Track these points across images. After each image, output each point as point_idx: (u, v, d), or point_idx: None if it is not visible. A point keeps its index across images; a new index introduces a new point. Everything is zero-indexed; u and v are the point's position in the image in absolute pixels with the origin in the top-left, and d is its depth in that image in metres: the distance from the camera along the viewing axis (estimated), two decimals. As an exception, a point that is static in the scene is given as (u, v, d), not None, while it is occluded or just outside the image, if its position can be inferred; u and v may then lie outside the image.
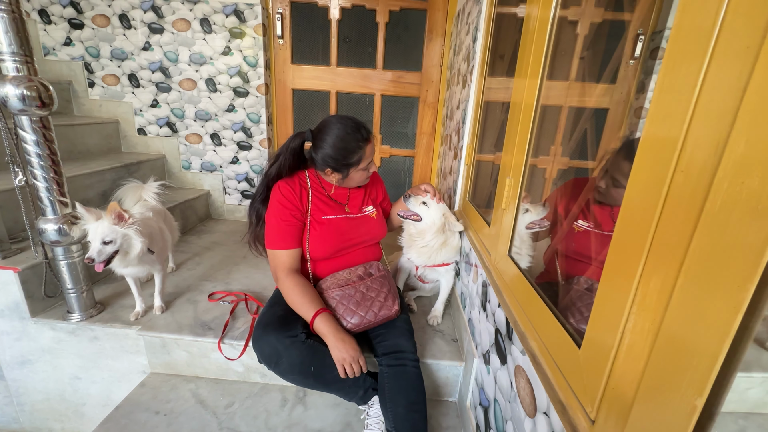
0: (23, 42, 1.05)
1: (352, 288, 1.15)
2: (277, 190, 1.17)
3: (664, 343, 0.38)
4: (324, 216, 1.21)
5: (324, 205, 1.22)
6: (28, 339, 1.34)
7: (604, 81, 1.02)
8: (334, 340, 1.03)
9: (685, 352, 0.35)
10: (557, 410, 0.57)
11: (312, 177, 1.23)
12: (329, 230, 1.20)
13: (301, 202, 1.18)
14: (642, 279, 0.42)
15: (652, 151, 0.41)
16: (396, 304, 1.16)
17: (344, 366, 1.02)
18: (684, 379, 0.35)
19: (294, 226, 1.16)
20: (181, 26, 2.13)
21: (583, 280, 0.83)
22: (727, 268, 0.31)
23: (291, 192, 1.16)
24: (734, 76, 0.32)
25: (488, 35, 1.33)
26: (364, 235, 1.28)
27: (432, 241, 1.28)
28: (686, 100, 0.36)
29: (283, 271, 1.15)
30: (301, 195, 1.19)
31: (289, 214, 1.15)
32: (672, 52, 0.39)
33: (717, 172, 0.32)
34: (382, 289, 1.18)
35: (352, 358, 1.02)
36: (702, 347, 0.33)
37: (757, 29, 0.30)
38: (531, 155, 0.87)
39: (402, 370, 1.08)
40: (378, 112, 2.37)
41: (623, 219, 0.46)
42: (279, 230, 1.15)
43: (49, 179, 1.15)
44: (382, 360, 1.11)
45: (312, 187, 1.22)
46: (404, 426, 1.01)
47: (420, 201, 1.30)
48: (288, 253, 1.16)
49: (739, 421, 0.64)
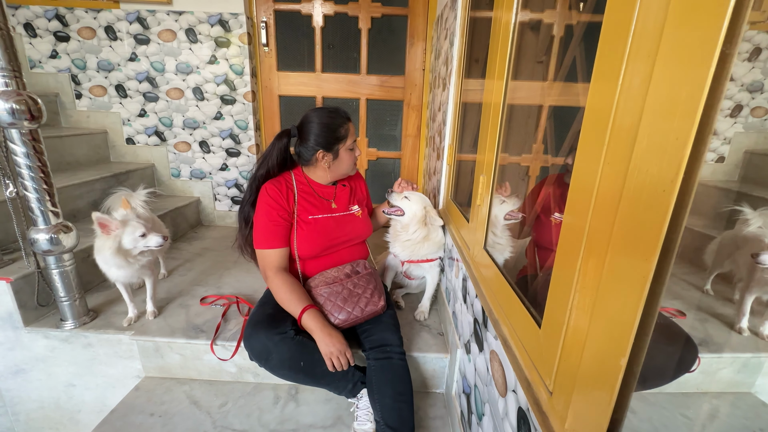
0: (11, 57, 1.08)
1: (340, 285, 1.19)
2: (264, 192, 1.20)
3: (598, 315, 0.43)
4: (310, 216, 1.25)
5: (310, 205, 1.26)
6: (21, 348, 1.35)
7: (583, 80, 1.08)
8: (322, 335, 1.07)
9: (611, 320, 0.40)
10: (523, 387, 0.62)
11: (298, 177, 1.28)
12: (316, 229, 1.25)
13: (288, 202, 1.22)
14: (582, 260, 0.47)
15: (588, 146, 0.47)
16: (382, 300, 1.20)
17: (332, 359, 1.06)
18: (612, 343, 0.40)
19: (281, 225, 1.20)
20: (166, 36, 2.16)
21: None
22: (638, 242, 0.36)
23: (278, 193, 1.20)
24: (640, 81, 0.37)
25: (463, 40, 1.39)
26: (350, 233, 1.32)
27: (414, 234, 1.34)
28: (610, 99, 0.42)
29: (272, 270, 1.19)
30: (288, 196, 1.23)
31: (276, 215, 1.19)
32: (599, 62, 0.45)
33: (630, 162, 0.38)
34: (369, 285, 1.22)
35: (339, 351, 1.06)
36: (622, 314, 0.38)
37: (653, 38, 0.35)
38: (501, 152, 0.92)
39: (388, 363, 1.12)
40: (364, 115, 2.42)
41: (569, 208, 0.52)
42: (267, 230, 1.19)
43: (40, 190, 1.18)
44: (369, 354, 1.15)
45: (298, 187, 1.26)
46: (391, 416, 1.06)
47: (402, 195, 1.37)
48: (276, 252, 1.20)
49: (713, 401, 0.69)
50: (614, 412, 0.41)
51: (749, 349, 0.70)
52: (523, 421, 0.63)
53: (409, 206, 1.36)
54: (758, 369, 0.68)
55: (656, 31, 0.35)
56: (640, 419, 0.47)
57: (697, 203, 0.79)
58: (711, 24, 0.29)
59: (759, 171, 0.79)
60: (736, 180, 0.82)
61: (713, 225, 0.77)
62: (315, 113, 1.21)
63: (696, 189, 0.33)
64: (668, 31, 0.34)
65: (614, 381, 0.40)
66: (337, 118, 1.20)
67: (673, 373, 0.63)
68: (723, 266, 0.77)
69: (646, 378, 0.51)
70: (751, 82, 0.77)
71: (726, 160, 0.82)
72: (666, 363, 0.63)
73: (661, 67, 0.35)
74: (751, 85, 0.77)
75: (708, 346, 0.70)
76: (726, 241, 0.75)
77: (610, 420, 0.41)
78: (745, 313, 0.71)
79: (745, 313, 0.71)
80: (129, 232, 1.19)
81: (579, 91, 1.07)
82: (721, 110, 0.86)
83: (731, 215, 0.70)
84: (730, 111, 0.81)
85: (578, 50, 0.80)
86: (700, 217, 0.79)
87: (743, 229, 0.69)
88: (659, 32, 0.35)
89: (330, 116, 1.20)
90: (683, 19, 0.32)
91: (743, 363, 0.69)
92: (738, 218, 0.69)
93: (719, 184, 0.82)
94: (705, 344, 0.70)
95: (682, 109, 0.32)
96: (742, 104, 0.79)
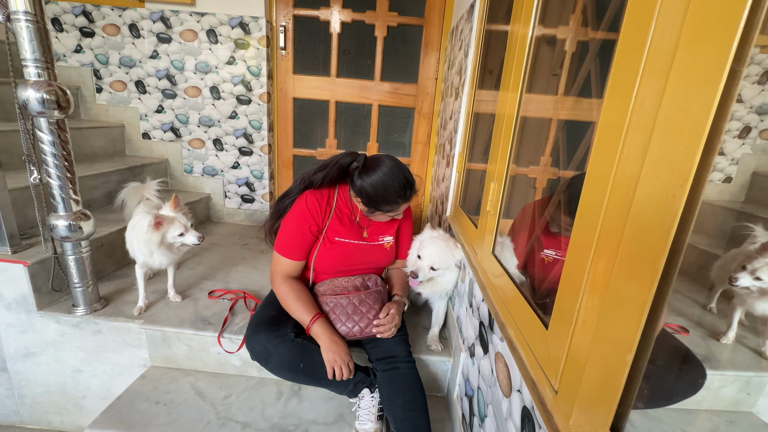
0: (45, 50, 1.13)
1: (345, 298, 1.18)
2: (303, 200, 1.19)
3: (606, 315, 0.45)
4: (337, 237, 1.22)
5: (341, 226, 1.23)
6: (33, 332, 1.39)
7: (597, 96, 1.10)
8: (328, 342, 1.08)
9: (619, 319, 0.42)
10: (528, 387, 0.63)
11: (341, 195, 1.25)
12: (337, 252, 1.23)
13: (322, 217, 1.20)
14: (592, 263, 0.49)
15: (601, 155, 0.49)
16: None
17: (333, 368, 1.07)
18: (619, 341, 0.42)
19: (307, 239, 1.19)
20: (188, 36, 2.22)
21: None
22: (647, 245, 0.39)
23: (316, 205, 1.18)
24: (653, 96, 0.40)
25: (478, 51, 1.43)
26: (371, 264, 1.30)
27: (450, 284, 1.30)
28: (623, 118, 0.44)
29: (281, 277, 1.19)
30: (325, 211, 1.21)
31: (307, 227, 1.18)
32: (613, 79, 0.47)
33: (642, 170, 0.40)
34: (375, 305, 1.18)
35: (342, 361, 1.07)
36: (630, 313, 0.40)
37: (667, 56, 0.38)
38: (512, 162, 0.95)
39: (395, 373, 1.12)
40: (375, 121, 2.46)
41: (580, 214, 0.54)
42: (292, 239, 1.19)
43: (63, 178, 1.22)
44: (376, 366, 1.16)
45: (338, 204, 1.23)
46: (404, 426, 1.05)
47: (427, 268, 1.22)
48: (292, 263, 1.20)
49: (713, 418, 0.70)
50: (619, 406, 0.43)
51: (752, 367, 0.71)
52: (527, 420, 0.65)
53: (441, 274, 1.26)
54: (761, 389, 0.69)
55: (670, 49, 0.38)
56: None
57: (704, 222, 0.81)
58: (721, 43, 0.32)
59: (765, 193, 0.81)
60: (743, 200, 0.84)
61: (719, 244, 0.78)
62: (386, 170, 1.11)
63: (703, 196, 0.35)
64: (682, 50, 0.37)
65: (620, 377, 0.42)
66: (393, 194, 1.11)
67: (680, 396, 0.65)
68: (725, 283, 0.79)
69: (653, 397, 0.53)
70: (761, 104, 0.79)
71: (733, 181, 0.84)
72: (674, 386, 0.64)
73: (674, 84, 0.37)
74: (760, 107, 0.79)
75: (709, 362, 0.71)
76: (730, 258, 0.77)
77: (615, 415, 0.43)
78: (731, 325, 0.73)
79: (731, 326, 0.73)
80: (173, 229, 1.30)
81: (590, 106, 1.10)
82: (730, 131, 0.89)
83: (740, 234, 0.72)
84: (739, 132, 0.83)
85: (593, 65, 0.83)
86: (706, 236, 0.81)
87: (748, 247, 0.71)
88: (673, 50, 0.37)
89: (391, 188, 1.11)
90: (696, 38, 0.35)
91: (745, 381, 0.70)
92: (748, 236, 0.70)
93: (726, 204, 0.83)
94: (707, 361, 0.71)
95: (691, 124, 0.35)
96: (751, 126, 0.81)
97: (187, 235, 1.33)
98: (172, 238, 1.31)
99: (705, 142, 0.34)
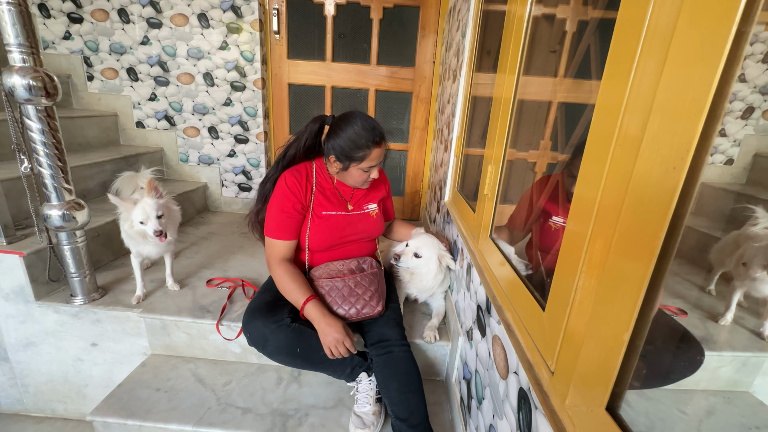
0: (29, 34, 1.10)
1: (341, 281, 1.19)
2: (283, 181, 1.20)
3: (603, 294, 0.44)
4: (324, 211, 1.24)
5: (326, 200, 1.25)
6: (32, 322, 1.39)
7: (596, 78, 1.07)
8: (323, 325, 1.08)
9: (616, 298, 0.41)
10: (525, 368, 0.63)
11: (319, 169, 1.26)
12: (327, 225, 1.24)
13: (305, 195, 1.21)
14: (590, 241, 0.48)
15: (600, 129, 0.48)
16: (380, 305, 1.19)
17: (330, 348, 1.07)
18: (616, 320, 0.41)
19: (293, 218, 1.20)
20: (179, 21, 2.17)
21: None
22: (645, 222, 0.37)
23: (296, 184, 1.20)
24: (654, 67, 0.38)
25: (476, 32, 1.39)
26: (361, 233, 1.31)
27: (432, 282, 1.33)
28: (623, 89, 0.43)
29: (276, 260, 1.20)
30: (306, 188, 1.21)
31: (291, 207, 1.19)
32: (611, 60, 0.45)
33: (642, 143, 0.39)
34: (370, 287, 1.20)
35: (336, 341, 1.07)
36: (627, 291, 0.39)
37: (664, 40, 0.36)
38: (511, 146, 0.93)
39: (389, 357, 1.13)
40: (372, 106, 2.42)
41: (578, 192, 0.53)
42: (279, 221, 1.20)
43: (54, 167, 1.20)
44: (371, 351, 1.17)
45: (318, 180, 1.25)
46: (400, 408, 1.07)
47: (411, 253, 1.30)
48: (284, 244, 1.21)
49: (710, 398, 0.71)
50: (615, 386, 0.42)
51: (749, 348, 0.71)
52: (523, 401, 0.65)
53: (423, 263, 1.30)
54: (757, 369, 0.69)
55: (669, 28, 0.36)
56: (637, 413, 0.48)
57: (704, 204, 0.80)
58: (721, 22, 0.30)
59: (767, 174, 0.79)
60: (744, 183, 0.82)
61: (719, 226, 0.77)
62: (355, 120, 1.13)
63: (704, 169, 0.34)
64: (680, 29, 0.35)
65: (617, 356, 0.41)
66: (364, 139, 1.12)
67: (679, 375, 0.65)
68: (725, 265, 0.78)
69: (651, 377, 0.53)
70: (764, 84, 0.76)
71: (735, 163, 0.82)
72: (672, 365, 0.64)
73: (675, 55, 0.35)
74: (764, 87, 0.77)
75: (707, 344, 0.71)
76: (730, 241, 0.76)
77: (611, 394, 0.43)
78: (730, 306, 0.72)
79: (730, 307, 0.72)
80: (134, 214, 1.25)
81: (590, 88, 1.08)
82: (732, 112, 0.87)
83: (740, 216, 0.71)
84: (742, 113, 0.81)
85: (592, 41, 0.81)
86: (707, 218, 0.80)
87: (749, 229, 0.70)
88: (671, 30, 0.35)
89: (362, 132, 1.12)
90: (695, 16, 0.33)
91: (743, 362, 0.70)
92: (749, 218, 0.69)
93: (727, 186, 0.82)
94: (705, 342, 0.71)
95: (693, 94, 0.33)
96: (754, 106, 0.79)
97: (147, 224, 1.26)
98: (135, 223, 1.26)
99: (707, 113, 0.32)
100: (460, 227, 1.26)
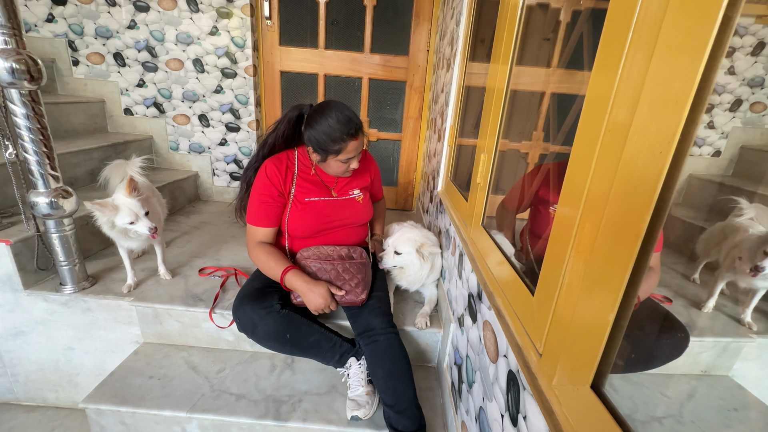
0: (11, 15, 1.06)
1: (330, 264, 1.19)
2: (263, 170, 1.20)
3: (591, 276, 0.45)
4: (307, 198, 1.24)
5: (310, 185, 1.25)
6: (21, 311, 1.37)
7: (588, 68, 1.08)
8: (306, 290, 1.11)
9: (603, 280, 0.43)
10: (514, 351, 0.65)
11: (301, 156, 1.26)
12: (310, 212, 1.24)
13: (285, 183, 1.21)
14: (579, 226, 0.49)
15: (589, 117, 0.48)
16: (364, 294, 1.20)
17: (317, 311, 1.12)
18: (602, 301, 0.43)
19: (272, 206, 1.21)
20: (167, 5, 2.11)
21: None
22: (632, 205, 0.38)
23: (276, 172, 1.20)
24: (644, 52, 0.38)
25: (470, 20, 1.38)
26: (347, 219, 1.31)
27: (419, 274, 1.35)
28: (613, 75, 0.43)
29: (253, 243, 1.23)
30: (287, 176, 1.22)
31: (269, 195, 1.19)
32: (601, 52, 0.46)
33: (630, 129, 0.40)
34: (357, 275, 1.21)
35: (324, 305, 1.12)
36: (614, 273, 0.41)
37: (653, 30, 0.36)
38: (503, 137, 0.94)
39: (374, 347, 1.14)
40: (366, 95, 2.40)
41: (569, 176, 0.53)
42: (258, 208, 1.20)
43: (40, 153, 1.17)
44: (358, 340, 1.19)
45: (299, 167, 1.25)
46: (387, 395, 1.09)
47: (392, 252, 1.33)
48: (264, 231, 1.23)
49: (692, 382, 0.73)
50: (600, 365, 0.44)
51: (730, 333, 0.74)
52: (512, 383, 0.67)
53: (405, 259, 1.33)
54: (737, 353, 0.71)
55: (657, 18, 0.36)
56: (621, 396, 0.50)
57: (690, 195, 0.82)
58: (708, 10, 0.31)
59: (752, 167, 0.81)
60: (730, 175, 0.84)
61: (705, 217, 0.79)
62: (329, 112, 1.11)
63: (689, 153, 0.35)
64: (668, 19, 0.35)
65: (602, 336, 0.42)
66: (339, 132, 1.10)
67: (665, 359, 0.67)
68: (710, 255, 0.80)
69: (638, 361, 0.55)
70: (753, 77, 0.78)
71: (722, 155, 0.84)
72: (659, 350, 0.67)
73: (664, 40, 0.36)
74: (752, 80, 0.78)
75: (690, 330, 0.74)
76: (716, 231, 0.78)
77: (596, 373, 0.44)
78: (713, 294, 0.75)
79: (713, 295, 0.75)
80: (119, 217, 1.22)
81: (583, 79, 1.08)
82: (721, 104, 0.88)
83: (726, 207, 0.73)
84: (730, 105, 0.82)
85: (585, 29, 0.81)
86: (693, 209, 0.81)
87: (734, 220, 0.72)
88: (660, 20, 0.36)
89: (336, 125, 1.10)
90: (683, 5, 0.34)
91: (723, 347, 0.72)
92: (734, 209, 0.71)
93: (713, 178, 0.84)
94: (688, 328, 0.73)
95: (681, 80, 0.34)
96: (742, 99, 0.80)
97: (138, 224, 1.23)
98: (122, 225, 1.23)
99: (693, 98, 0.33)
100: (453, 216, 1.27)
